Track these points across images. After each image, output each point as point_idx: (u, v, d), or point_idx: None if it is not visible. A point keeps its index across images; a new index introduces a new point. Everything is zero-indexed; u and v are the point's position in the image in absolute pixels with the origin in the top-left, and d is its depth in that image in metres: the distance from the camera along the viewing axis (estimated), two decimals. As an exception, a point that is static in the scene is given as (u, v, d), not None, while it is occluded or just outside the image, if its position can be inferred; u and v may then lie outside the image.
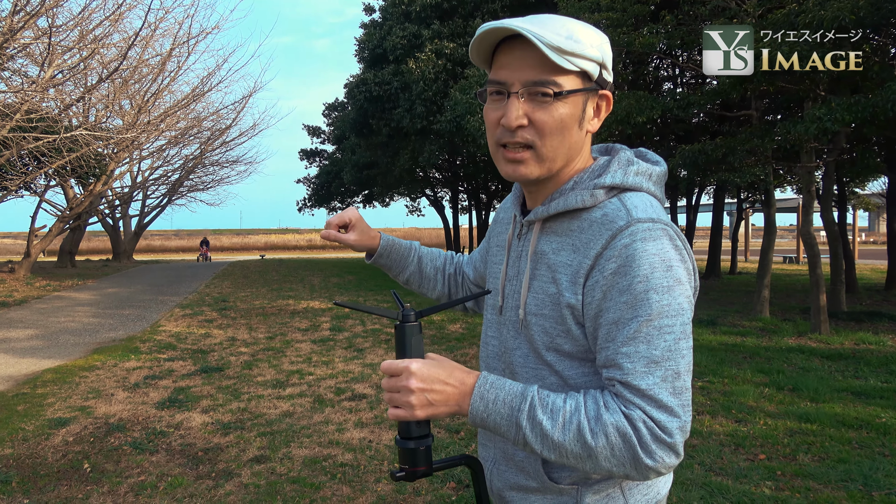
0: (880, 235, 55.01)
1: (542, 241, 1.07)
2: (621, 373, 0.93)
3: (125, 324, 10.27)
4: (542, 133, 0.99)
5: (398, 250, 1.45)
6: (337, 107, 27.32)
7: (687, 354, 0.94)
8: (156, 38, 14.77)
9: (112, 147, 17.35)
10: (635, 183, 1.02)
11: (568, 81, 0.98)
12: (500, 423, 0.96)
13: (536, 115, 0.98)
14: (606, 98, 1.05)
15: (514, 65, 0.99)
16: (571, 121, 1.00)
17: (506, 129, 1.00)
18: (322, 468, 4.03)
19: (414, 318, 1.02)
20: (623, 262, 0.94)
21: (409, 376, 0.96)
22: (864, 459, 4.04)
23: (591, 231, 0.99)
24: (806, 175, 9.37)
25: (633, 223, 0.95)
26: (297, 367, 6.93)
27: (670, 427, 0.91)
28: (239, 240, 58.82)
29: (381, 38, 17.61)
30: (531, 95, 0.98)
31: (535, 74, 0.97)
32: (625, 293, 0.93)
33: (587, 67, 0.99)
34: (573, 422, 0.93)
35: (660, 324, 0.92)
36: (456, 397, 0.98)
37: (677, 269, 0.94)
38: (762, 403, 5.38)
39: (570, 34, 0.96)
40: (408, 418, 0.98)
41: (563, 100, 0.98)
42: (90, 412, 5.28)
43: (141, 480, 3.86)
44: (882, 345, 7.86)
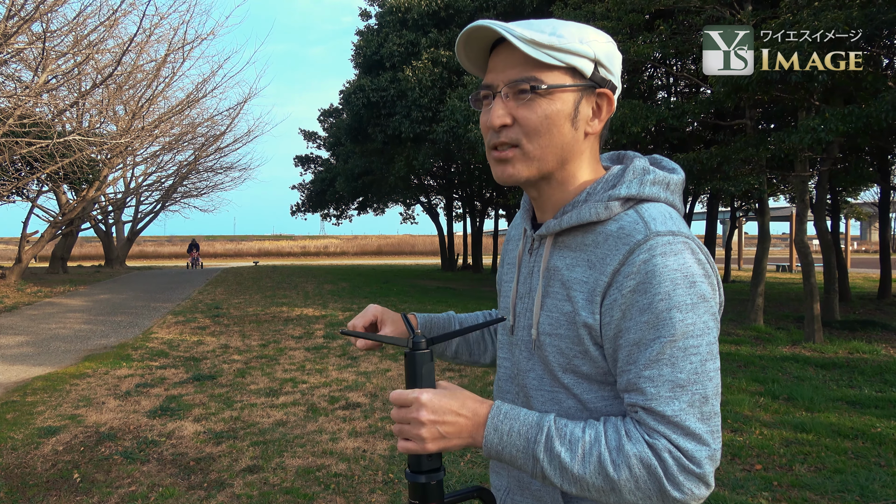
0: (872, 244, 55.31)
1: (555, 257, 1.01)
2: (644, 398, 0.87)
3: (117, 331, 10.19)
4: (527, 131, 0.95)
5: (438, 324, 1.32)
6: (332, 113, 27.33)
7: (715, 377, 0.89)
8: (151, 43, 14.74)
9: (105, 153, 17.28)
10: (652, 193, 0.96)
11: (551, 77, 0.94)
12: (516, 456, 0.92)
13: (519, 112, 0.95)
14: (606, 97, 0.99)
15: (499, 67, 0.97)
16: (559, 118, 0.95)
17: (491, 129, 0.98)
18: (315, 478, 3.99)
19: (425, 345, 0.97)
20: (643, 278, 0.88)
21: (419, 408, 0.92)
22: (860, 470, 4.03)
23: (607, 245, 0.93)
24: (800, 184, 9.41)
25: (652, 236, 0.89)
26: (290, 376, 6.88)
27: (699, 456, 0.85)
28: (232, 246, 58.58)
29: (378, 45, 17.65)
30: (514, 94, 0.95)
31: (516, 73, 0.95)
32: (646, 312, 0.87)
33: (575, 63, 0.94)
34: (593, 453, 0.88)
35: (685, 344, 0.86)
36: (469, 429, 0.93)
37: (701, 284, 0.89)
38: (757, 413, 5.37)
39: (553, 30, 0.94)
40: (419, 452, 0.93)
41: (548, 96, 0.94)
42: (80, 420, 5.21)
43: (132, 491, 3.81)
44: (876, 354, 7.88)
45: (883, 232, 15.95)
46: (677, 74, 14.06)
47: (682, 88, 15.78)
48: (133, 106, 15.90)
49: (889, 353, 7.98)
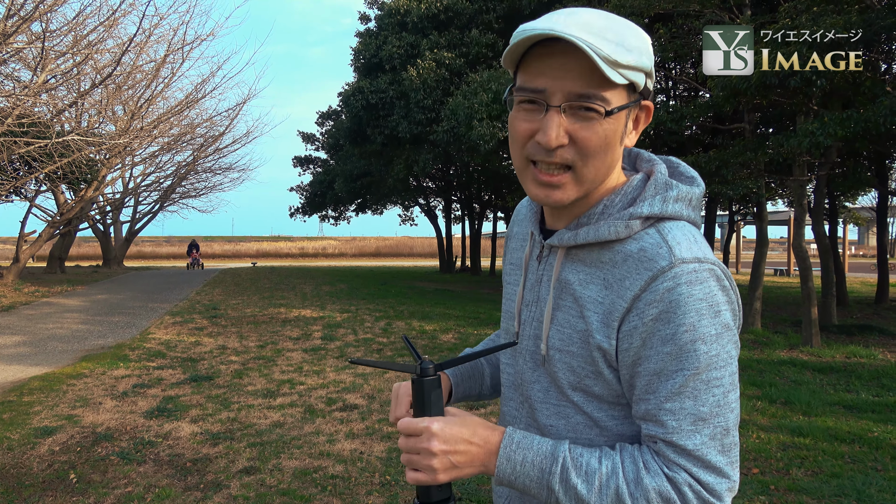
0: (870, 249, 55.41)
1: (567, 269, 0.96)
2: (664, 430, 0.85)
3: (114, 331, 10.18)
4: (586, 153, 0.87)
5: (465, 370, 1.23)
6: (330, 115, 27.36)
7: (736, 407, 0.86)
8: (150, 44, 14.74)
9: (104, 153, 17.27)
10: (675, 211, 0.91)
11: (616, 96, 0.86)
12: (530, 486, 0.89)
13: (581, 133, 0.86)
14: (647, 109, 0.94)
15: (554, 73, 0.85)
16: (615, 138, 0.88)
17: (542, 146, 0.87)
18: (312, 480, 3.98)
19: (433, 371, 0.94)
20: (666, 307, 0.83)
21: (430, 437, 0.89)
22: (857, 474, 4.04)
23: (627, 267, 0.88)
24: (798, 188, 9.43)
25: (678, 263, 0.84)
26: (287, 377, 6.87)
27: (719, 490, 0.84)
28: (230, 247, 58.52)
29: (378, 48, 17.66)
30: (574, 110, 0.86)
31: (580, 87, 0.84)
32: (668, 343, 0.84)
33: (636, 79, 0.87)
34: (611, 486, 0.85)
35: (708, 377, 0.84)
36: (481, 458, 0.91)
37: (725, 313, 0.85)
38: (755, 417, 5.37)
39: (620, 40, 0.84)
40: (429, 483, 0.90)
41: (611, 116, 0.86)
42: (77, 421, 5.20)
43: (128, 491, 3.80)
44: (873, 358, 7.89)
45: (881, 236, 15.97)
46: (676, 78, 14.09)
47: (681, 92, 15.83)
48: (132, 106, 15.90)
49: (886, 358, 7.99)
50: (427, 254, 54.26)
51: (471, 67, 15.80)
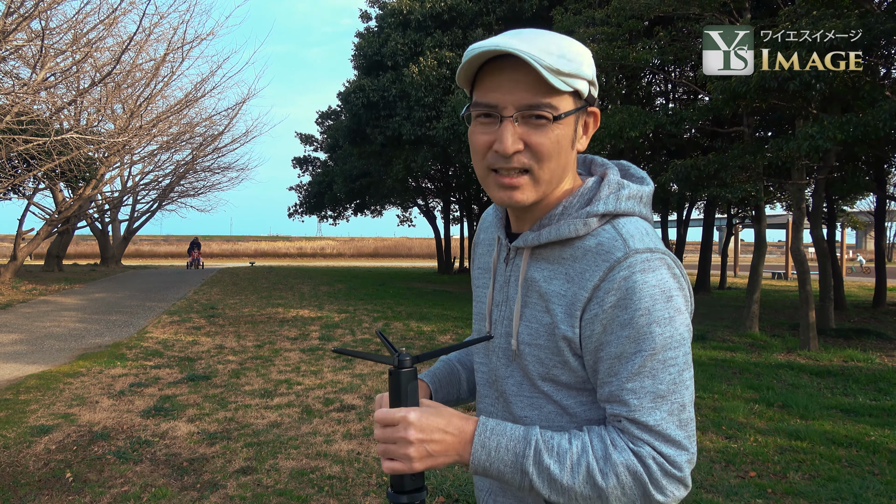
0: (867, 253, 55.48)
1: (532, 268, 1.03)
2: (627, 409, 0.91)
3: (112, 329, 10.16)
4: (540, 157, 0.95)
5: (443, 377, 1.27)
6: (330, 115, 27.34)
7: (690, 385, 0.93)
8: (150, 42, 14.74)
9: (103, 151, 17.26)
10: (628, 208, 0.99)
11: (563, 102, 0.94)
12: (504, 471, 0.93)
13: (533, 138, 0.94)
14: (594, 115, 1.02)
15: (505, 87, 0.93)
16: (567, 142, 0.97)
17: (500, 154, 0.95)
18: (309, 480, 3.97)
19: (409, 363, 0.97)
20: (623, 294, 0.91)
21: (407, 427, 0.92)
22: (854, 478, 4.04)
23: (586, 261, 0.95)
24: (796, 192, 9.44)
25: (631, 254, 0.92)
26: (285, 377, 6.86)
27: (679, 461, 0.90)
28: (229, 246, 58.47)
29: (380, 46, 17.66)
30: (526, 119, 0.94)
31: (529, 97, 0.93)
32: (627, 327, 0.91)
33: (579, 87, 0.95)
34: (582, 464, 0.91)
35: (664, 357, 0.91)
36: (456, 447, 0.94)
37: (677, 298, 0.93)
38: (752, 420, 5.37)
39: (562, 52, 0.93)
40: (405, 471, 0.93)
41: (560, 121, 0.94)
42: (74, 420, 5.19)
43: (124, 491, 3.79)
44: (870, 362, 7.89)
45: (879, 241, 15.99)
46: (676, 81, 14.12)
47: (681, 95, 15.84)
48: (131, 105, 15.88)
49: (883, 362, 8.00)
50: (425, 255, 54.25)
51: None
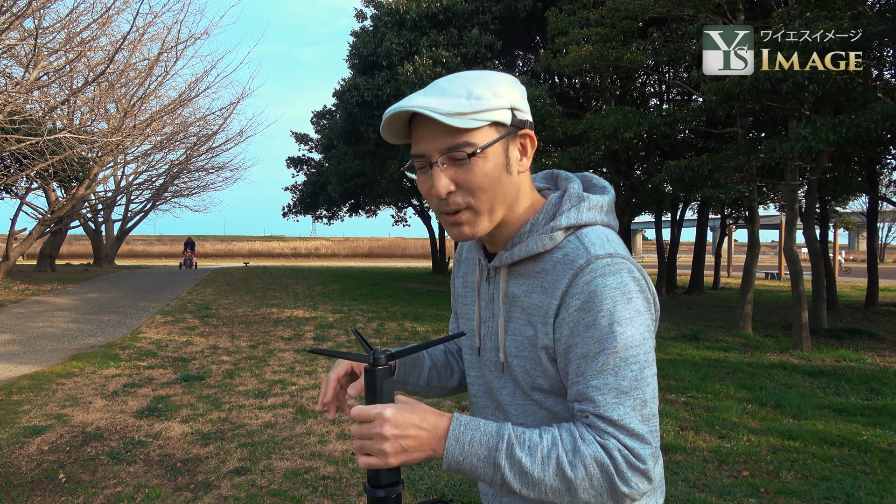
0: (860, 253, 55.76)
1: (512, 285, 1.09)
2: (594, 405, 0.96)
3: (105, 330, 10.12)
4: (472, 192, 1.01)
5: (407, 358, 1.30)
6: (325, 114, 27.30)
7: (652, 382, 0.98)
8: (144, 42, 14.67)
9: (96, 151, 17.18)
10: (589, 219, 1.05)
11: (481, 136, 1.00)
12: (477, 465, 0.96)
13: (461, 177, 1.01)
14: (528, 136, 1.07)
15: (427, 136, 1.01)
16: (497, 171, 1.02)
17: (437, 197, 1.02)
18: (304, 481, 3.97)
19: (384, 361, 1.00)
20: (586, 298, 0.97)
21: (382, 422, 0.94)
22: (846, 477, 4.06)
23: (556, 272, 1.02)
24: (789, 192, 9.48)
25: (593, 260, 0.98)
26: (279, 377, 6.85)
27: (643, 454, 0.94)
28: (223, 246, 58.30)
29: (375, 46, 17.64)
30: (451, 161, 1.00)
31: (447, 141, 0.99)
32: (591, 328, 0.97)
33: (497, 117, 1.00)
34: (551, 456, 0.94)
35: (625, 354, 0.95)
36: (430, 442, 0.97)
37: (637, 300, 0.98)
38: (745, 419, 5.40)
39: (469, 93, 0.99)
40: (381, 466, 0.96)
41: (482, 156, 1.00)
42: (67, 420, 5.17)
43: (118, 491, 3.78)
44: (862, 362, 7.94)
45: (871, 241, 16.08)
46: (670, 82, 14.16)
47: (675, 96, 15.88)
48: (125, 104, 15.82)
49: (875, 362, 8.05)
50: (420, 255, 54.22)
51: (468, 67, 15.82)
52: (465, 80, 1.02)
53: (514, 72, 18.77)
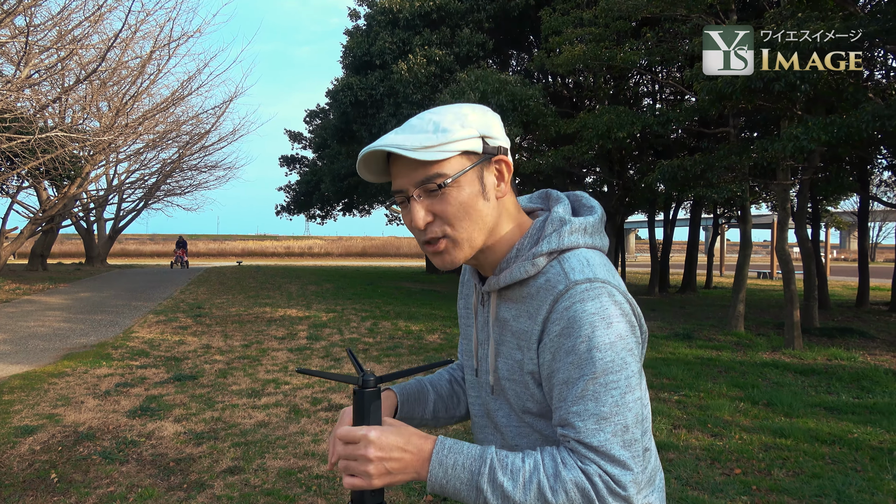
0: (851, 253, 56.12)
1: (503, 309, 1.11)
2: (574, 432, 0.96)
3: (97, 329, 10.07)
4: (449, 221, 1.03)
5: (412, 393, 1.31)
6: (318, 113, 27.24)
7: (634, 407, 0.97)
8: (136, 40, 14.60)
9: (88, 149, 17.08)
10: (571, 243, 1.05)
11: (451, 166, 1.01)
12: (460, 489, 0.97)
13: (436, 207, 1.03)
14: (503, 162, 1.08)
15: (401, 172, 1.04)
16: (472, 199, 1.03)
17: (417, 229, 1.05)
18: (297, 480, 3.97)
19: (373, 383, 1.02)
20: (566, 323, 0.97)
21: (367, 445, 0.96)
22: (837, 475, 4.09)
23: (539, 297, 1.03)
24: (781, 192, 9.53)
25: (572, 286, 0.99)
26: (272, 376, 6.84)
27: (624, 481, 0.94)
28: (216, 245, 58.09)
29: (369, 45, 17.62)
30: (426, 192, 1.03)
31: (419, 174, 1.01)
32: (570, 353, 0.97)
33: (466, 147, 1.02)
34: (533, 481, 0.95)
35: (605, 380, 0.95)
36: (414, 464, 0.98)
37: (617, 324, 0.98)
38: (737, 418, 5.42)
39: (436, 127, 1.01)
40: (364, 487, 0.98)
41: (454, 185, 1.02)
42: (59, 420, 5.14)
43: (110, 491, 3.76)
44: (853, 360, 7.99)
45: (862, 241, 16.18)
46: (663, 82, 14.20)
47: (668, 96, 15.93)
48: (117, 102, 15.74)
49: (866, 360, 8.10)
50: (414, 254, 54.18)
51: (461, 65, 15.81)
52: (433, 115, 1.04)
53: (508, 71, 18.79)
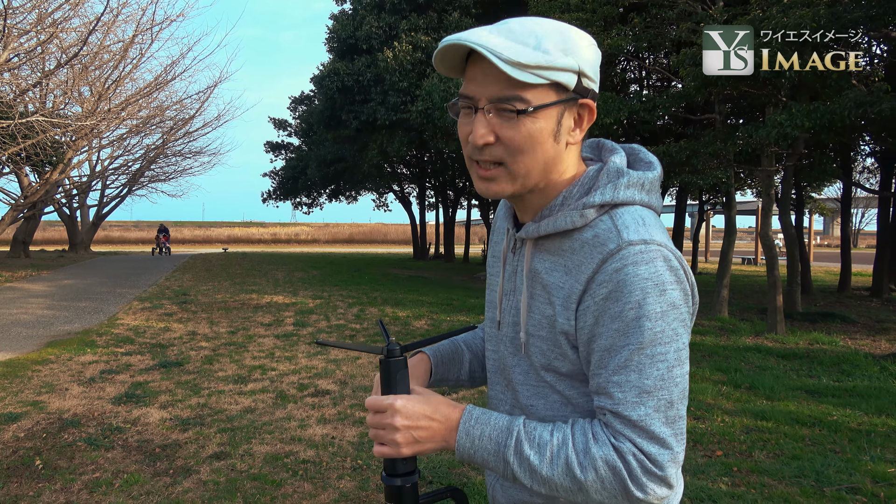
0: (834, 239, 56.76)
1: (536, 259, 1.02)
2: (612, 402, 0.90)
3: (81, 316, 9.99)
4: (512, 150, 0.93)
5: (447, 354, 1.25)
6: (303, 100, 27.03)
7: (681, 382, 0.91)
8: (118, 23, 14.36)
9: (70, 135, 16.84)
10: (626, 198, 0.96)
11: (537, 95, 0.91)
12: (488, 459, 0.95)
13: (504, 132, 0.92)
14: (588, 107, 0.97)
15: (479, 79, 0.93)
16: (544, 136, 0.93)
17: (473, 146, 0.95)
18: (284, 465, 3.98)
19: (399, 352, 0.99)
20: (614, 287, 0.89)
21: (394, 413, 0.95)
22: (816, 456, 4.16)
23: (583, 253, 0.94)
24: (766, 179, 9.60)
25: (625, 246, 0.89)
26: (259, 363, 6.83)
27: (661, 460, 0.89)
28: (201, 232, 57.71)
29: (354, 29, 17.46)
30: (498, 111, 0.92)
31: (499, 90, 0.91)
32: (616, 320, 0.89)
33: (560, 79, 0.91)
34: (561, 456, 0.91)
35: (652, 352, 0.89)
36: (442, 433, 0.96)
37: (672, 292, 0.90)
38: (720, 401, 5.50)
39: (538, 43, 0.89)
40: (393, 455, 0.96)
41: (533, 115, 0.91)
42: (43, 407, 5.11)
43: (95, 477, 3.76)
44: (834, 345, 8.11)
45: (844, 227, 16.36)
46: (650, 68, 14.20)
47: (654, 82, 15.94)
48: (99, 87, 15.51)
49: (847, 344, 8.22)
50: (401, 241, 54.14)
51: (447, 52, 15.74)
52: (538, 26, 0.92)
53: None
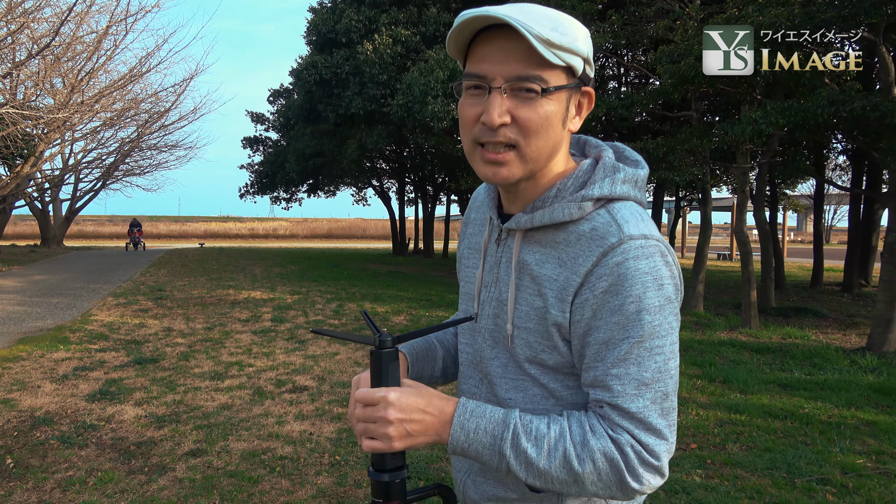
0: (807, 235, 57.76)
1: (525, 251, 1.01)
2: (610, 395, 0.91)
3: (53, 312, 9.82)
4: (527, 132, 0.91)
5: (420, 352, 1.22)
6: (282, 93, 26.77)
7: (675, 374, 0.93)
8: (91, 14, 14.09)
9: (42, 127, 16.52)
10: (623, 192, 0.96)
11: (554, 77, 0.91)
12: (482, 453, 0.94)
13: (521, 112, 0.91)
14: (588, 95, 0.98)
15: (495, 57, 0.90)
16: (556, 119, 0.93)
17: (486, 127, 0.92)
18: (261, 461, 3.95)
19: (391, 343, 0.97)
20: (615, 280, 0.89)
21: (387, 406, 0.91)
22: (788, 448, 4.24)
23: (580, 245, 0.94)
24: (741, 175, 9.74)
25: (626, 240, 0.90)
26: (236, 359, 6.77)
27: (658, 450, 0.90)
28: (177, 227, 56.97)
29: (334, 22, 17.32)
30: (515, 91, 0.90)
31: (520, 69, 0.89)
32: (616, 313, 0.90)
33: (573, 62, 0.92)
34: (559, 448, 0.91)
35: (651, 345, 0.90)
36: (435, 427, 0.94)
37: (668, 287, 0.91)
38: (695, 395, 5.57)
39: (555, 25, 0.89)
40: (385, 450, 0.93)
41: (549, 96, 0.91)
42: (14, 405, 5.02)
43: (69, 476, 3.70)
44: (807, 339, 8.26)
45: (817, 223, 16.66)
46: (628, 65, 14.30)
47: (633, 79, 16.06)
48: (72, 79, 15.21)
49: (819, 339, 8.38)
50: (380, 236, 53.96)
51: (427, 45, 15.68)
52: (549, 11, 0.91)
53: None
